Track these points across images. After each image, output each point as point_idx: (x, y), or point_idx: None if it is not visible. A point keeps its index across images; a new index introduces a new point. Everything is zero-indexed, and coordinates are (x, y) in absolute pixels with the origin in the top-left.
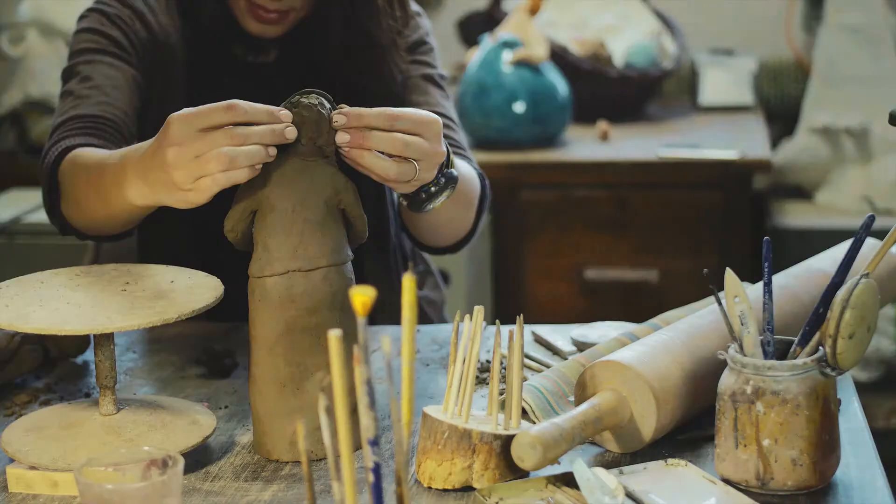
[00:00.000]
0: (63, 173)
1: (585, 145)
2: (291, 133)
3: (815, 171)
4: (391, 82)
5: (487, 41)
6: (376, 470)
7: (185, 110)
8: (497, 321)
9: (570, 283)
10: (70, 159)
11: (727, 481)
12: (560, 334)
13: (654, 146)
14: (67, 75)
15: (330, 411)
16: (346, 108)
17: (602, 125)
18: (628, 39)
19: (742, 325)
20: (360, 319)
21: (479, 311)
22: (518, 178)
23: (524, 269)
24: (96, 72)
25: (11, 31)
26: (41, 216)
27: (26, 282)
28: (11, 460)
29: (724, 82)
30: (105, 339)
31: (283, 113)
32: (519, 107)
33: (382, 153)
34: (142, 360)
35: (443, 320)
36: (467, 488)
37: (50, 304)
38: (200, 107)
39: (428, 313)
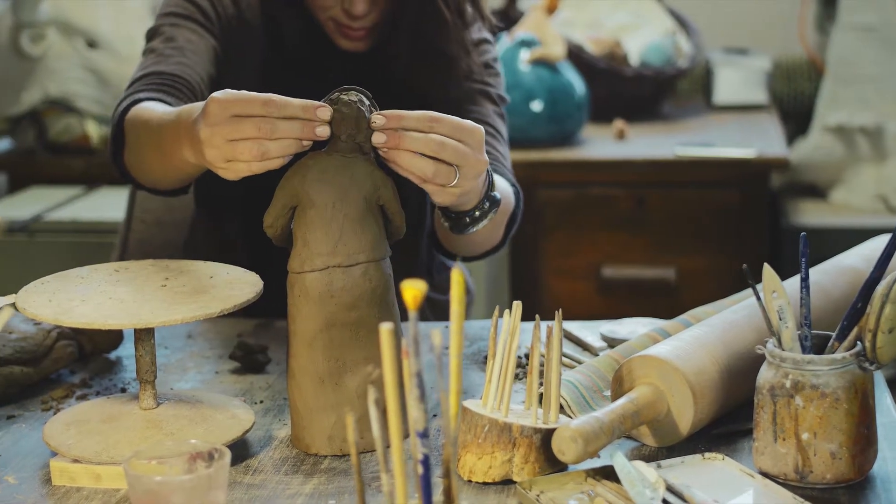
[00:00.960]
0: (128, 123)
1: (602, 144)
2: (323, 131)
3: (829, 170)
4: (461, 94)
5: (505, 40)
6: (425, 461)
7: (225, 93)
8: (537, 316)
9: (587, 282)
10: (136, 111)
11: (765, 475)
12: (589, 330)
13: (670, 145)
14: (152, 34)
15: (378, 403)
16: (387, 111)
17: (618, 124)
18: (643, 38)
19: (780, 319)
20: (412, 313)
21: (517, 306)
22: (535, 177)
23: (541, 268)
24: (180, 35)
25: (32, 30)
26: (62, 214)
27: (67, 277)
28: (54, 454)
29: (738, 81)
30: (146, 334)
31: (321, 109)
32: (536, 105)
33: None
34: (175, 355)
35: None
36: (507, 481)
37: (92, 299)
38: (241, 93)
39: None
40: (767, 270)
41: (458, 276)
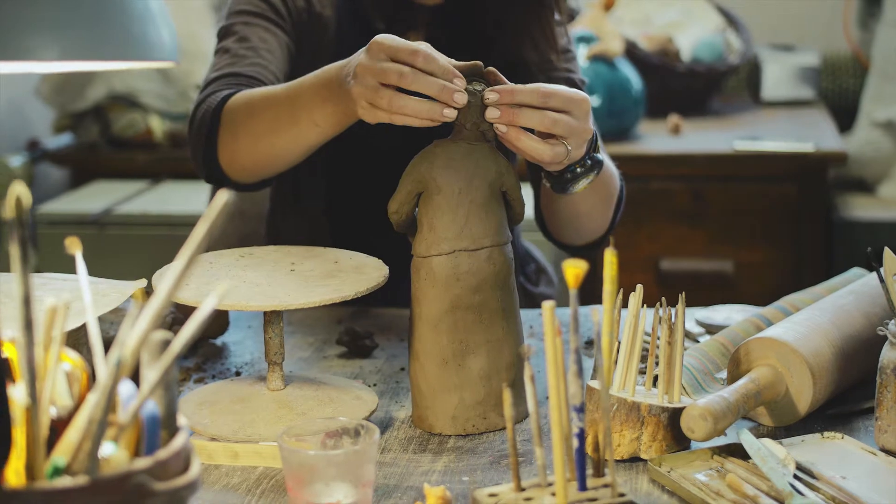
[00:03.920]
0: (228, 113)
1: (658, 138)
2: (461, 98)
3: (877, 164)
4: (546, 52)
5: None
6: (580, 435)
7: (387, 36)
8: (662, 298)
9: (646, 274)
10: (239, 98)
11: (888, 452)
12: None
13: (725, 139)
14: (224, 33)
15: (532, 379)
16: (499, 86)
17: (673, 119)
18: (694, 35)
19: None
20: (572, 291)
21: (640, 289)
22: None
23: (602, 260)
24: (253, 34)
25: None
26: (131, 207)
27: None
28: (190, 433)
29: (785, 77)
30: (275, 317)
31: (458, 80)
32: (595, 100)
33: (534, 133)
34: None
35: None
36: (634, 459)
37: (227, 282)
38: (398, 39)
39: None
40: (888, 254)
41: (611, 256)
